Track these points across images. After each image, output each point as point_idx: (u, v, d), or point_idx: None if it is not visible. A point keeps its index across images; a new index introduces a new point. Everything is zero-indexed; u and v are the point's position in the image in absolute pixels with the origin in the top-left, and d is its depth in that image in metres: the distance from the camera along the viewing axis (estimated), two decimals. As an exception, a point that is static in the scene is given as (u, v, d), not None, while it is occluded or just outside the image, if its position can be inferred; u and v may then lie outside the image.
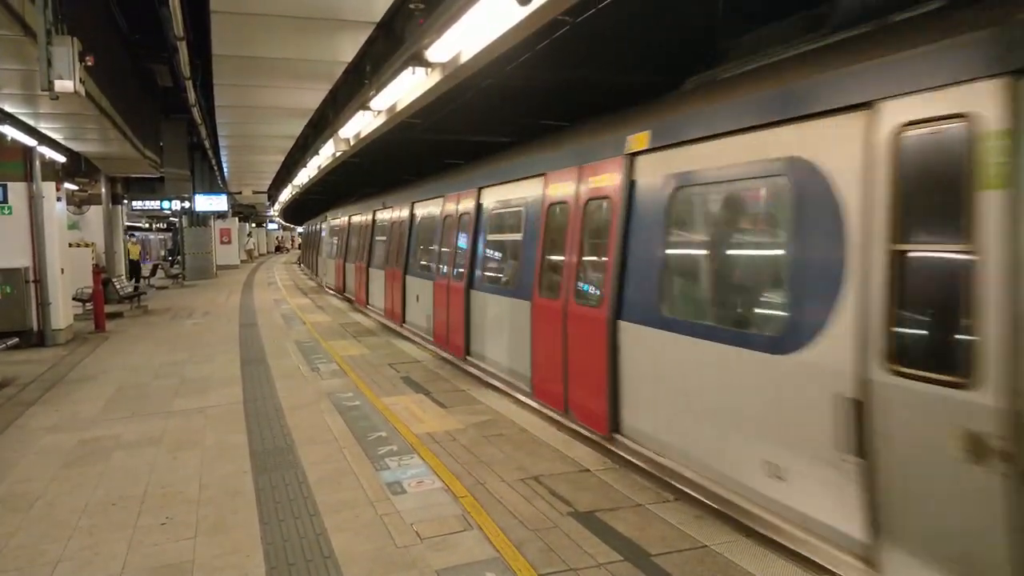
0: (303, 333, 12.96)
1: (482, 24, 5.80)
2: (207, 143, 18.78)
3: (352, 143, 13.22)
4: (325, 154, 15.01)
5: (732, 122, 4.50)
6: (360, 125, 11.28)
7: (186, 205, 26.75)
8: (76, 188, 16.96)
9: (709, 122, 4.75)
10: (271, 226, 69.35)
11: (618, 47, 7.70)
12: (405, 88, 8.38)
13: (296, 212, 49.64)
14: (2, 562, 4.06)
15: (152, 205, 27.64)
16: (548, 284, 7.04)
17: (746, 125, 4.38)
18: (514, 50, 6.68)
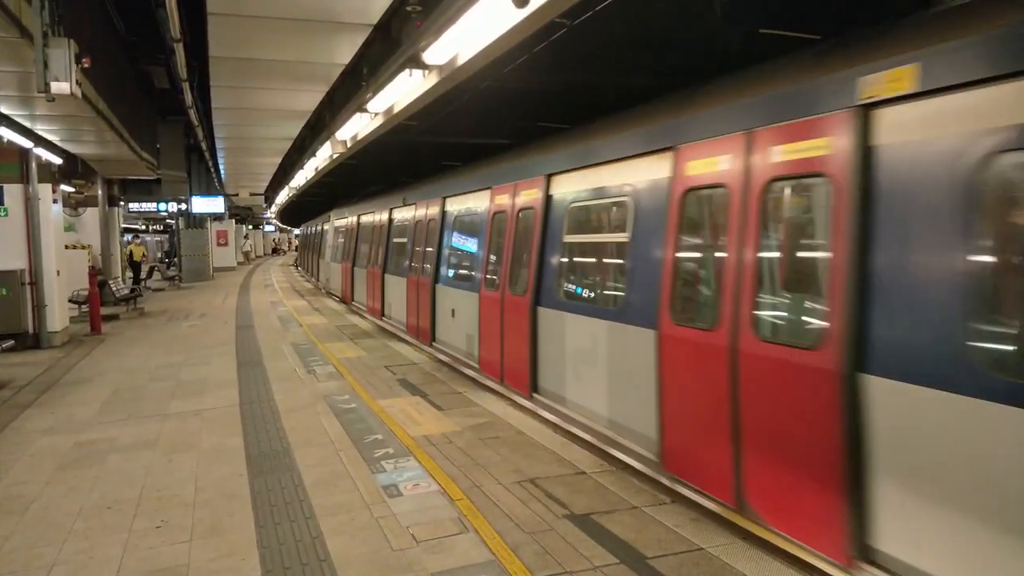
0: (299, 335, 12.94)
1: (480, 26, 5.81)
2: (204, 145, 18.75)
3: (349, 145, 13.21)
4: (322, 156, 14.98)
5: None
6: (357, 127, 11.27)
7: (183, 207, 26.67)
8: (72, 190, 16.89)
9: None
10: (268, 228, 69.25)
11: (617, 50, 7.71)
12: (402, 90, 8.38)
13: (293, 214, 49.65)
14: (-4, 565, 4.05)
15: (149, 207, 27.65)
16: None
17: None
18: (511, 52, 6.69)
